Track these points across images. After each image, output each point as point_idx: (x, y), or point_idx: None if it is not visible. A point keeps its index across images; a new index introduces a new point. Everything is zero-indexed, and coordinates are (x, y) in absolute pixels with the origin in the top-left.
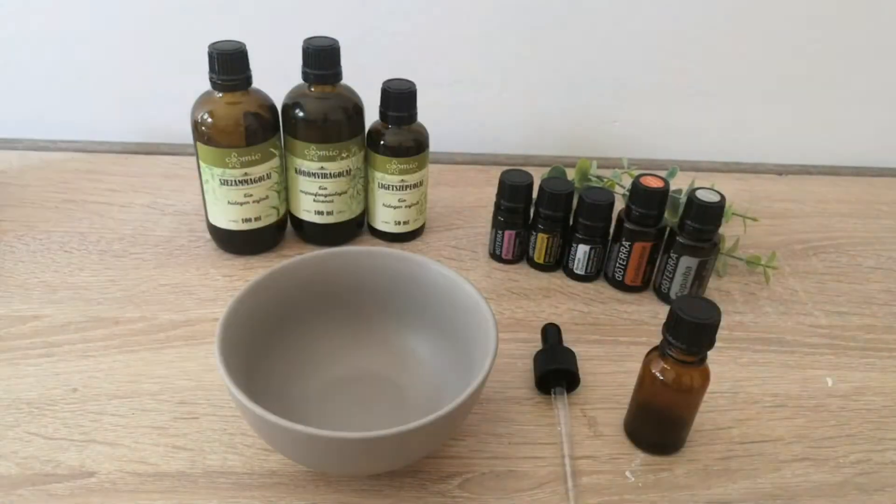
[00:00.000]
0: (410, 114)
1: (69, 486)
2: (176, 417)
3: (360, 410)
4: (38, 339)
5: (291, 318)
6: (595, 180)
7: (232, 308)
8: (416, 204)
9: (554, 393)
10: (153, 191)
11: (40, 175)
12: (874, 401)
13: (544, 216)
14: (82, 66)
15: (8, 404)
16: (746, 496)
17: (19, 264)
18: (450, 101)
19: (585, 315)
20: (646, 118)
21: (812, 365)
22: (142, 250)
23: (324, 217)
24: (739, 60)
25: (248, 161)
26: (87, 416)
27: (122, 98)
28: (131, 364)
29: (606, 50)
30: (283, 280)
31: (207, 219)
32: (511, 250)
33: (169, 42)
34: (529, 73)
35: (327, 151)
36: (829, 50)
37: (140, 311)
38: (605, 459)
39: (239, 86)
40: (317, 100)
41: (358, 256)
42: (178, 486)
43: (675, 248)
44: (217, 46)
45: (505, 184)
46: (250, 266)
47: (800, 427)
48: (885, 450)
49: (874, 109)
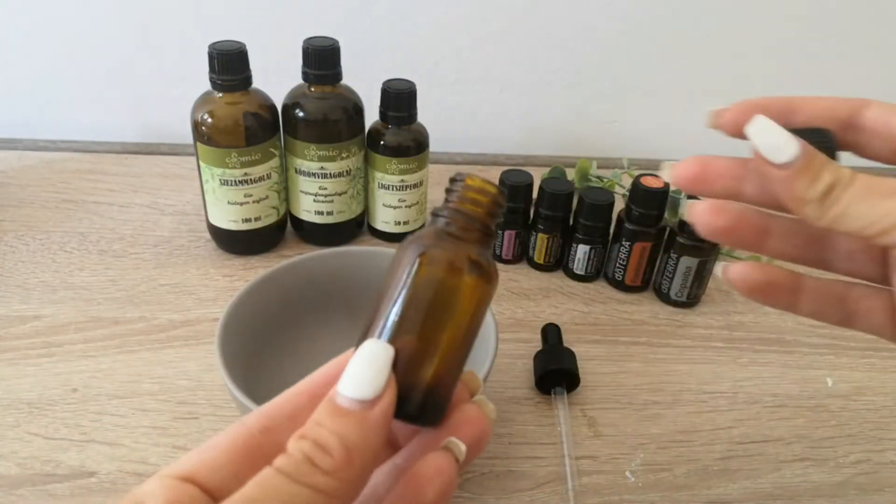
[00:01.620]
0: (410, 114)
1: (69, 486)
2: (176, 417)
3: None
4: (38, 339)
5: (291, 318)
6: (595, 180)
7: (232, 308)
8: (416, 204)
9: (554, 393)
10: (153, 191)
11: (40, 175)
12: (874, 401)
13: (544, 216)
14: (82, 66)
15: (8, 404)
16: (746, 496)
17: (19, 264)
18: (450, 101)
19: (585, 315)
20: (646, 118)
21: (812, 365)
22: (142, 250)
23: (324, 217)
24: (739, 60)
25: (248, 161)
26: (87, 416)
27: (122, 98)
28: (131, 364)
29: (606, 50)
30: (283, 280)
31: (207, 219)
32: (511, 250)
33: (169, 42)
34: (529, 73)
35: (327, 151)
36: (829, 50)
37: (140, 311)
38: (605, 459)
39: (239, 86)
40: (317, 100)
41: (358, 256)
42: None
43: (675, 248)
44: (217, 46)
45: (505, 184)
46: (250, 266)
47: (800, 427)
48: (885, 450)
49: None
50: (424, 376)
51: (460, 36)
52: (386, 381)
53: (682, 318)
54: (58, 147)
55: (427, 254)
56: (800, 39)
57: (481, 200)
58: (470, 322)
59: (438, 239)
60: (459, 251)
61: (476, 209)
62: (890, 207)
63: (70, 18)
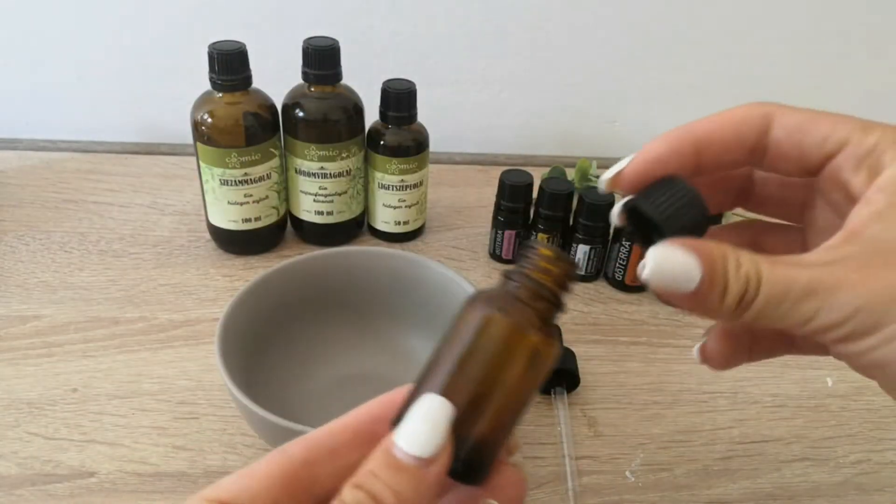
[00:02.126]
0: (410, 114)
1: (69, 486)
2: (176, 417)
3: None
4: (38, 339)
5: (291, 318)
6: (595, 180)
7: (232, 308)
8: (416, 204)
9: (554, 393)
10: (153, 191)
11: (40, 175)
12: (874, 401)
13: (544, 216)
14: (82, 66)
15: (8, 404)
16: (746, 496)
17: (19, 264)
18: (450, 101)
19: (585, 315)
20: (646, 118)
21: (812, 365)
22: (141, 250)
23: (324, 217)
24: (739, 60)
25: (248, 161)
26: (87, 416)
27: (122, 98)
28: (131, 364)
29: (606, 50)
30: (283, 280)
31: (207, 219)
32: (511, 250)
33: (169, 42)
34: (529, 73)
35: (327, 151)
36: (829, 50)
37: (140, 311)
38: (605, 459)
39: (239, 86)
40: (317, 100)
41: (358, 256)
42: (178, 486)
43: None
44: (217, 46)
45: (505, 184)
46: (250, 266)
47: (800, 427)
48: (885, 450)
49: (875, 108)
50: (475, 436)
51: (460, 36)
52: (444, 440)
53: (682, 318)
54: (58, 147)
55: (493, 316)
56: (800, 39)
57: (552, 271)
58: (526, 388)
59: (506, 302)
60: (525, 317)
61: (546, 279)
62: (806, 313)
63: (70, 18)
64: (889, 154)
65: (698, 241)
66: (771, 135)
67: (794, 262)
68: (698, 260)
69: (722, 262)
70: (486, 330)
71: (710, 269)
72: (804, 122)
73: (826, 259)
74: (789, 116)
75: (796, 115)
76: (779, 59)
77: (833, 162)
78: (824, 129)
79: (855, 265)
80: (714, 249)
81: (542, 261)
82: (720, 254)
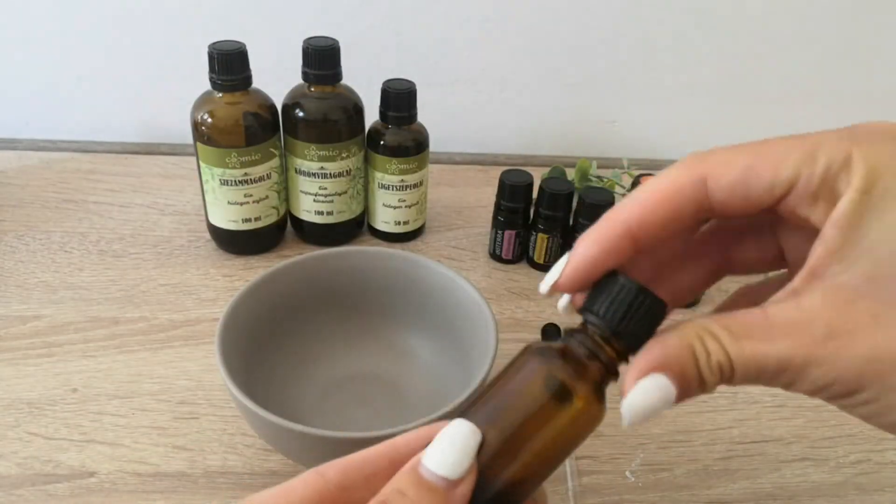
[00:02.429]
0: (410, 114)
1: (69, 486)
2: (176, 417)
3: (360, 410)
4: (38, 339)
5: (291, 318)
6: (595, 180)
7: (232, 308)
8: (416, 204)
9: None
10: (153, 191)
11: (40, 175)
12: None
13: (544, 216)
14: (82, 66)
15: (8, 404)
16: (746, 496)
17: (19, 264)
18: (450, 101)
19: None
20: (646, 118)
21: None
22: (141, 250)
23: (324, 217)
24: (739, 60)
25: (248, 161)
26: (87, 416)
27: (122, 98)
28: (131, 364)
29: (606, 50)
30: (283, 280)
31: (207, 219)
32: (511, 250)
33: (169, 42)
34: (529, 73)
35: (327, 151)
36: (830, 50)
37: (140, 311)
38: (605, 459)
39: (239, 86)
40: (317, 100)
41: (358, 256)
42: (178, 486)
43: None
44: (217, 46)
45: (505, 184)
46: (250, 266)
47: (800, 427)
48: (885, 450)
49: (875, 110)
50: (503, 477)
51: (460, 36)
52: (471, 464)
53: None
54: (58, 147)
55: (548, 368)
56: (800, 39)
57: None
58: (564, 446)
59: (563, 358)
60: (579, 378)
61: (610, 351)
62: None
63: (70, 18)
64: (842, 178)
65: (660, 350)
66: (712, 197)
67: (761, 332)
68: (669, 379)
69: (692, 364)
70: (535, 380)
71: (682, 379)
72: (743, 174)
73: (792, 318)
74: (725, 170)
75: (732, 166)
76: (779, 60)
77: (787, 200)
78: (766, 175)
79: (821, 332)
80: (680, 354)
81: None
82: (687, 354)
